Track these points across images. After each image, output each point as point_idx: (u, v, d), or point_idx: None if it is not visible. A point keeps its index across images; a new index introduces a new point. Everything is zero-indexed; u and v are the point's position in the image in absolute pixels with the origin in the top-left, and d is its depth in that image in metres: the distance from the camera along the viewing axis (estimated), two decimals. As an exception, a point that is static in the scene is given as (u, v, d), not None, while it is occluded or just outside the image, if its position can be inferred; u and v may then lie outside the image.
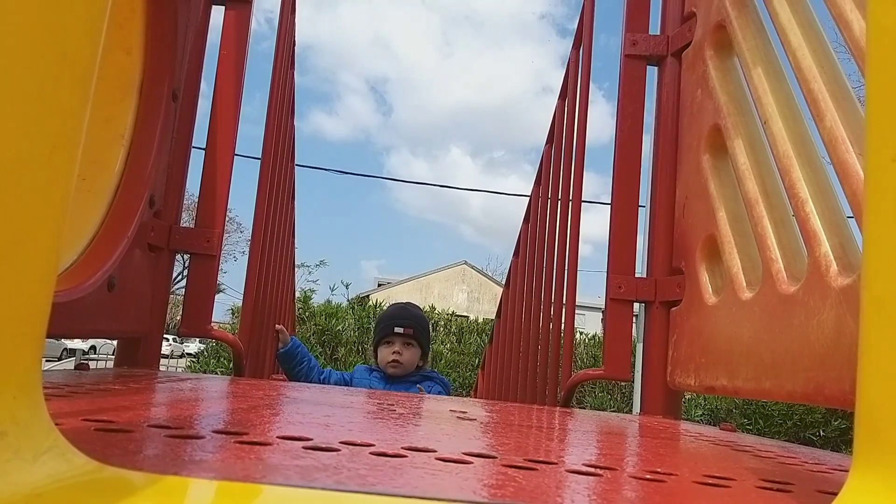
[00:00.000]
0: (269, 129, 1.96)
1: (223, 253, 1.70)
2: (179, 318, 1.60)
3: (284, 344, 2.61)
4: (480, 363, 4.43)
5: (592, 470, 0.59)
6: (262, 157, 1.96)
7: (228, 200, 1.63)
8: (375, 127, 77.61)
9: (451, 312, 9.50)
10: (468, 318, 9.82)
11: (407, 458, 0.54)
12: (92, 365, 1.40)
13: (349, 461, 0.50)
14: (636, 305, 1.64)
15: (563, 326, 2.05)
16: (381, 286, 31.31)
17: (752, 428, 6.48)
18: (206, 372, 7.33)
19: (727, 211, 1.28)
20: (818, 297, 0.90)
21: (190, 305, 1.58)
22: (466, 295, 31.45)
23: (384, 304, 7.81)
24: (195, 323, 1.57)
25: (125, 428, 0.55)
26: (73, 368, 1.25)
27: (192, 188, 1.67)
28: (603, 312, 1.82)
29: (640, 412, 1.64)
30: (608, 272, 1.64)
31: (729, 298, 1.20)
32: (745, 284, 1.15)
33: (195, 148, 1.62)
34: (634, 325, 1.69)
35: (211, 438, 0.55)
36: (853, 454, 0.37)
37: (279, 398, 1.09)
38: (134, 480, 0.37)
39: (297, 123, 3.11)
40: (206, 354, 8.02)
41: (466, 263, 32.95)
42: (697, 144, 1.42)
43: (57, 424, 0.35)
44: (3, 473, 0.30)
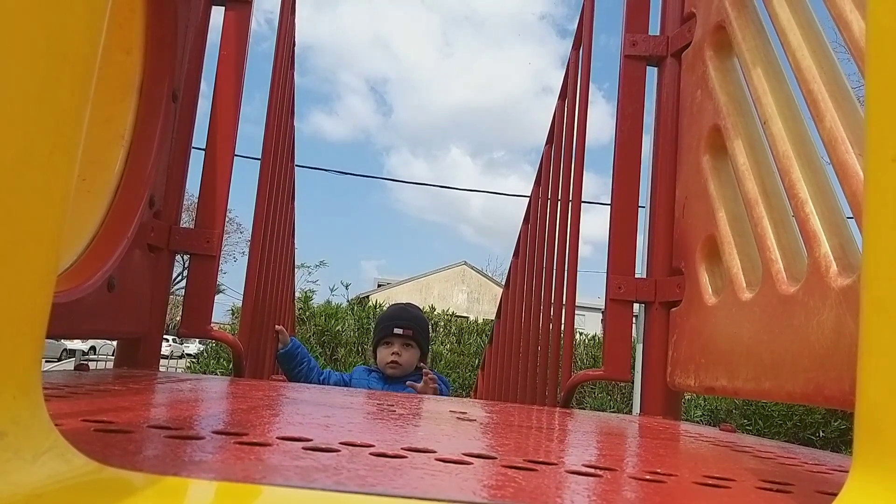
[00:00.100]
0: (268, 129, 1.96)
1: (223, 253, 1.70)
2: (179, 318, 1.60)
3: (284, 345, 2.61)
4: (480, 364, 4.43)
5: (592, 471, 0.59)
6: (261, 157, 1.96)
7: (228, 201, 1.63)
8: (375, 127, 77.70)
9: (450, 313, 9.50)
10: (468, 318, 9.82)
11: (407, 458, 0.54)
12: (91, 365, 1.40)
13: (349, 462, 0.50)
14: (636, 306, 1.64)
15: (562, 327, 2.05)
16: (380, 287, 31.31)
17: (751, 428, 6.48)
18: (205, 373, 7.33)
19: (727, 211, 1.28)
20: (818, 297, 0.90)
21: (190, 306, 1.58)
22: (466, 295, 31.45)
23: (384, 304, 7.80)
24: (195, 323, 1.57)
25: (125, 428, 0.55)
26: (72, 369, 1.25)
27: (191, 188, 1.67)
28: (603, 313, 1.82)
29: (639, 413, 1.64)
30: (608, 273, 1.64)
31: (729, 299, 1.20)
32: (744, 285, 1.15)
33: (195, 148, 1.62)
34: (634, 325, 1.69)
35: (211, 439, 0.55)
36: (853, 455, 0.37)
37: (279, 399, 1.09)
38: (134, 481, 0.37)
39: (297, 124, 3.11)
40: (205, 355, 8.02)
41: (466, 264, 32.96)
42: (697, 145, 1.42)
43: (57, 425, 0.35)
44: (2, 474, 0.30)
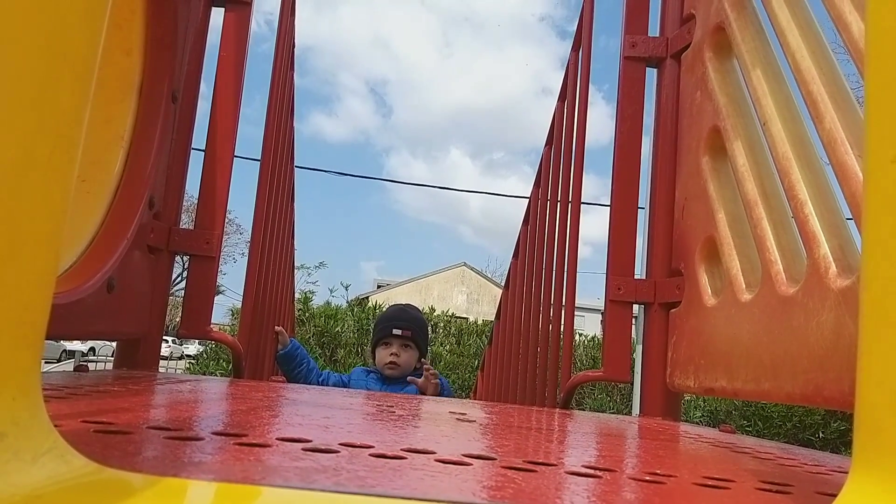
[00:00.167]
0: (268, 130, 1.96)
1: (222, 254, 1.69)
2: (179, 319, 1.60)
3: (284, 346, 2.61)
4: (480, 365, 4.42)
5: (592, 471, 0.59)
6: (261, 158, 1.96)
7: (228, 202, 1.63)
8: (375, 128, 77.77)
9: (450, 314, 9.49)
10: (467, 319, 9.82)
11: (406, 459, 0.54)
12: (91, 367, 1.40)
13: (348, 463, 0.50)
14: (635, 307, 1.64)
15: (562, 328, 2.05)
16: (380, 288, 31.31)
17: (751, 429, 6.48)
18: (205, 374, 7.32)
19: (726, 212, 1.28)
20: (817, 298, 0.90)
21: (189, 307, 1.58)
22: (466, 296, 31.45)
23: (384, 305, 7.80)
24: (194, 324, 1.57)
25: (124, 429, 0.55)
26: (72, 370, 1.24)
27: (191, 189, 1.67)
28: (602, 314, 1.82)
29: (639, 414, 1.64)
30: (607, 274, 1.64)
31: (728, 300, 1.20)
32: (744, 286, 1.15)
33: (195, 149, 1.62)
34: (634, 326, 1.69)
35: (210, 440, 0.55)
36: (852, 456, 0.37)
37: (278, 400, 1.08)
38: (133, 482, 0.37)
39: (296, 125, 3.11)
40: (205, 356, 8.01)
41: (466, 265, 32.96)
42: (697, 146, 1.42)
43: (56, 426, 0.35)
44: (2, 475, 0.30)
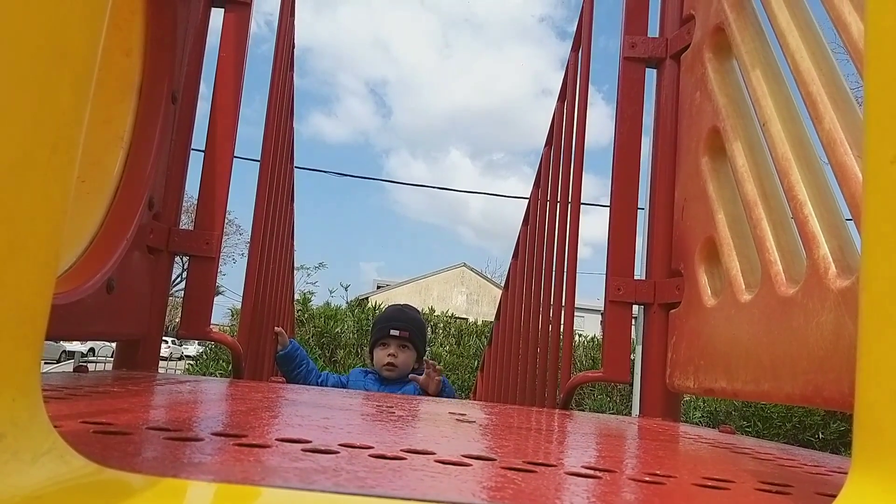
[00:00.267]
0: (268, 131, 1.96)
1: (222, 255, 1.69)
2: (178, 320, 1.60)
3: (283, 346, 2.61)
4: (479, 365, 4.42)
5: (591, 472, 0.59)
6: (261, 159, 1.96)
7: (227, 202, 1.63)
8: (375, 129, 77.83)
9: (450, 314, 9.49)
10: (467, 320, 9.82)
11: (406, 460, 0.54)
12: (91, 367, 1.40)
13: (348, 463, 0.50)
14: (635, 307, 1.64)
15: (562, 328, 2.05)
16: (380, 288, 31.31)
17: (751, 430, 6.47)
18: (205, 374, 7.32)
19: (726, 213, 1.28)
20: (817, 299, 0.90)
21: (189, 307, 1.58)
22: (465, 297, 31.45)
23: (383, 306, 7.80)
24: (194, 325, 1.57)
25: (124, 430, 0.55)
26: (71, 371, 1.24)
27: (191, 190, 1.67)
28: (602, 314, 1.82)
29: (639, 414, 1.63)
30: (607, 274, 1.64)
31: (728, 300, 1.20)
32: (743, 286, 1.15)
33: (194, 150, 1.62)
34: (633, 327, 1.69)
35: (210, 441, 0.55)
36: (852, 456, 0.37)
37: (278, 400, 1.08)
38: (133, 482, 0.37)
39: (296, 126, 3.11)
40: (205, 357, 8.00)
41: (465, 265, 32.96)
42: (696, 146, 1.42)
43: (56, 426, 0.35)
44: (2, 475, 0.30)
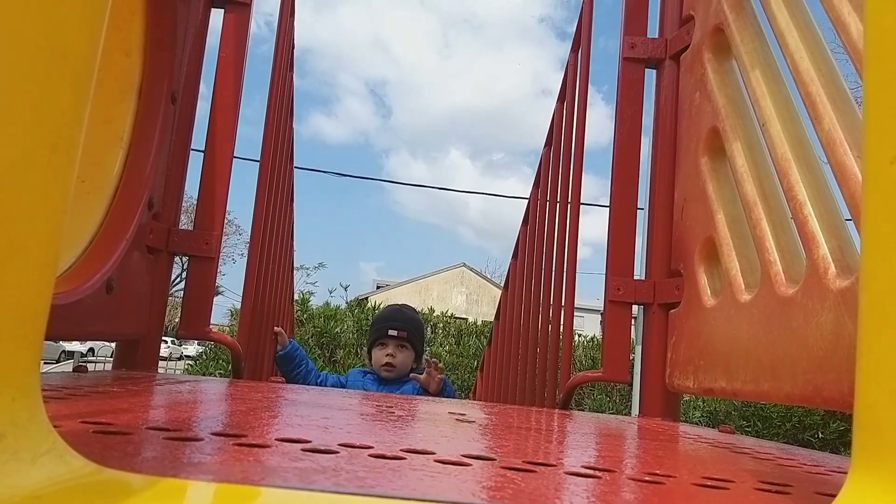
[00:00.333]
0: (267, 131, 1.96)
1: (222, 255, 1.69)
2: (178, 320, 1.60)
3: (283, 346, 2.60)
4: (479, 365, 4.42)
5: (591, 472, 0.59)
6: (260, 159, 1.96)
7: (227, 202, 1.63)
8: (374, 129, 77.85)
9: (449, 314, 9.48)
10: (467, 320, 9.81)
11: (406, 460, 0.54)
12: (90, 367, 1.40)
13: (348, 463, 0.50)
14: (635, 307, 1.64)
15: (561, 328, 2.05)
16: (379, 288, 31.31)
17: (750, 430, 6.47)
18: (204, 374, 7.32)
19: (725, 213, 1.28)
20: (817, 299, 0.90)
21: (188, 307, 1.58)
22: (465, 297, 31.44)
23: (383, 306, 7.79)
24: (194, 325, 1.57)
25: (124, 430, 0.55)
26: (71, 371, 1.24)
27: (190, 190, 1.67)
28: (602, 314, 1.82)
29: (638, 414, 1.64)
30: (607, 274, 1.64)
31: (727, 300, 1.20)
32: (743, 286, 1.15)
33: (194, 150, 1.62)
34: (633, 327, 1.69)
35: (209, 441, 0.55)
36: (852, 456, 0.37)
37: (278, 400, 1.08)
38: (132, 482, 0.37)
39: (296, 126, 3.11)
40: (204, 357, 8.00)
41: (465, 265, 32.95)
42: (696, 147, 1.42)
43: (55, 427, 0.35)
44: (1, 475, 0.30)
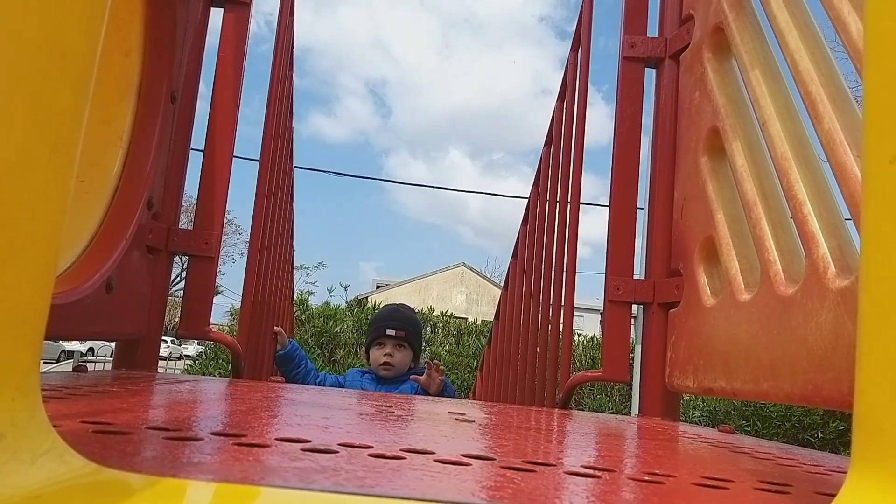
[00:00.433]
0: (267, 130, 1.96)
1: (221, 255, 1.69)
2: (178, 319, 1.60)
3: (283, 346, 2.60)
4: (479, 365, 4.42)
5: (591, 472, 0.59)
6: (260, 158, 1.96)
7: (227, 202, 1.63)
8: (374, 129, 77.84)
9: (449, 314, 9.48)
10: (466, 319, 9.81)
11: (405, 459, 0.54)
12: (90, 367, 1.40)
13: (347, 463, 0.50)
14: (634, 307, 1.64)
15: (561, 328, 2.05)
16: (379, 288, 31.31)
17: (750, 429, 6.48)
18: (204, 374, 7.32)
19: (725, 213, 1.28)
20: (816, 298, 0.90)
21: (188, 307, 1.57)
22: (465, 297, 31.45)
23: (382, 305, 7.79)
24: (193, 325, 1.57)
25: (123, 430, 0.55)
26: (71, 370, 1.24)
27: (190, 190, 1.67)
28: (601, 314, 1.82)
29: (638, 414, 1.64)
30: (606, 274, 1.64)
31: (727, 300, 1.20)
32: (743, 286, 1.15)
33: (194, 150, 1.62)
34: (633, 326, 1.69)
35: (209, 440, 0.55)
36: (851, 456, 0.37)
37: (277, 400, 1.08)
38: (132, 482, 0.37)
39: (296, 126, 3.12)
40: (204, 357, 8.00)
41: (465, 265, 32.96)
42: (696, 146, 1.42)
43: (55, 426, 0.35)
44: (1, 475, 0.30)
